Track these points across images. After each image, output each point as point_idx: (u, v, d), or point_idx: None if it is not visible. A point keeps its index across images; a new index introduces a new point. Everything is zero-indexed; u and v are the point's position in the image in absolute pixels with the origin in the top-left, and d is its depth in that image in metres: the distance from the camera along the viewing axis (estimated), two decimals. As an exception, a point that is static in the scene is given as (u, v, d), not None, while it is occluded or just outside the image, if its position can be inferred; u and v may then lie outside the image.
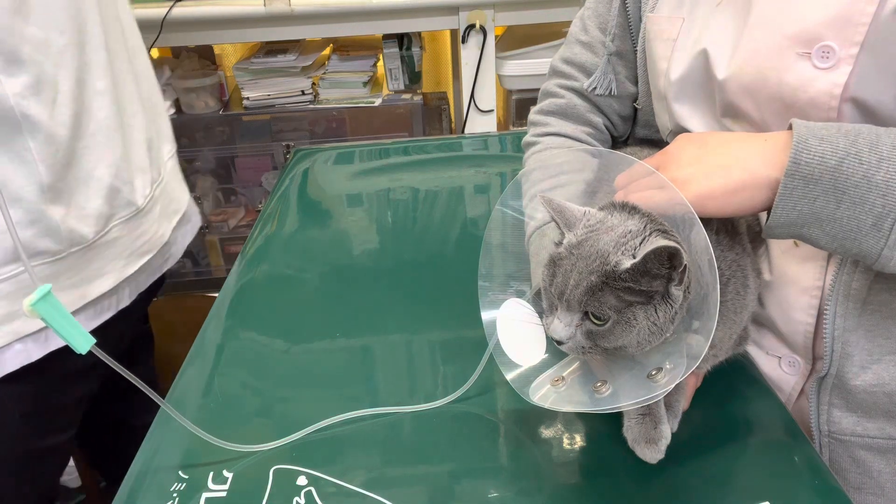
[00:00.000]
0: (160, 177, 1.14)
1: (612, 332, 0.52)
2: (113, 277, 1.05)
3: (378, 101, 2.02)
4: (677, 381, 0.52)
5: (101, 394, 1.13)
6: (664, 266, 0.50)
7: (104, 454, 1.29)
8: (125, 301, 1.12)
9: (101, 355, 0.60)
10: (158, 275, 1.18)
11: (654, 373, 0.54)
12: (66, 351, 0.99)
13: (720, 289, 0.52)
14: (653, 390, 0.53)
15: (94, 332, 1.07)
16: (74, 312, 0.99)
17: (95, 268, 1.02)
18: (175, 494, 0.63)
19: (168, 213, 1.17)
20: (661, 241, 0.50)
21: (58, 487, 1.18)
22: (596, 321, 0.53)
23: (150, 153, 1.13)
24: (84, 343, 0.58)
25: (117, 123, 1.05)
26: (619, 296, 0.52)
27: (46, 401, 1.02)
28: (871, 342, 0.64)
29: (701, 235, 0.52)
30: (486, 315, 0.67)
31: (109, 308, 1.08)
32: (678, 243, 0.50)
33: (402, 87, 2.05)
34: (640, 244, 0.52)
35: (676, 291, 0.52)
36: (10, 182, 0.87)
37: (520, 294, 0.66)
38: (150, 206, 1.12)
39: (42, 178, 0.90)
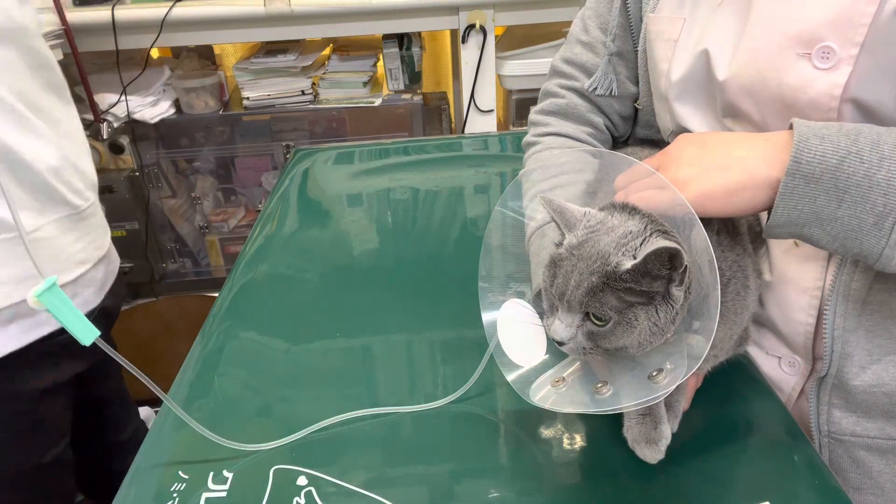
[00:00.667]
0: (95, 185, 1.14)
1: (614, 333, 0.52)
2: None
3: (378, 101, 2.02)
4: (678, 383, 0.52)
5: (77, 409, 1.14)
6: (665, 267, 0.50)
7: (83, 469, 1.29)
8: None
9: (106, 348, 0.60)
10: (104, 292, 1.16)
11: (654, 374, 0.54)
12: (37, 368, 0.98)
13: (720, 289, 0.52)
14: (654, 391, 0.53)
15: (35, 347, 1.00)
16: (6, 318, 0.98)
17: (27, 266, 0.98)
18: (175, 494, 0.63)
19: (101, 224, 1.17)
20: (662, 242, 0.49)
21: (74, 495, 1.18)
22: (597, 322, 0.53)
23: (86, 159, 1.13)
24: (88, 335, 0.58)
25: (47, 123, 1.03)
26: (620, 296, 0.52)
27: (34, 416, 1.02)
28: (870, 342, 0.64)
29: (701, 236, 0.52)
30: (486, 316, 0.67)
31: (48, 321, 1.03)
32: (678, 244, 0.50)
33: (402, 87, 2.05)
34: (641, 245, 0.52)
35: (677, 292, 0.52)
36: None
37: (520, 295, 0.66)
38: (89, 213, 1.11)
39: None
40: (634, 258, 0.51)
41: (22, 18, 1.01)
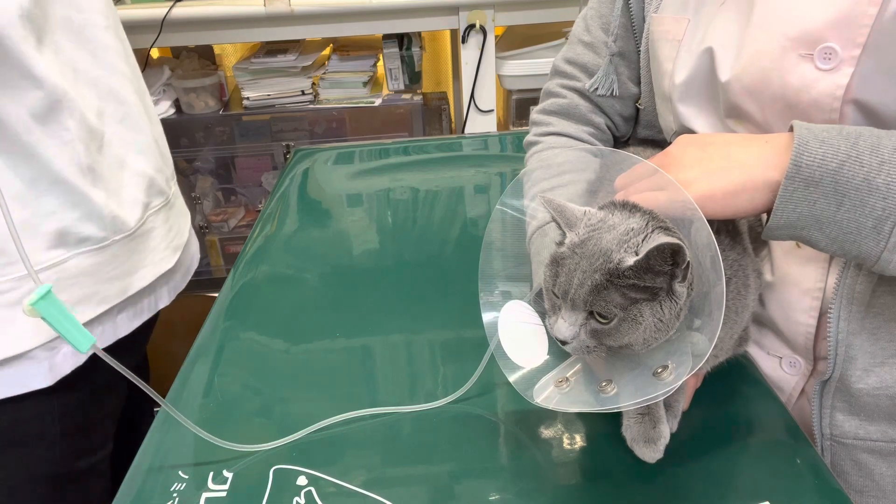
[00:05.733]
0: (174, 172, 1.15)
1: (619, 330, 0.52)
2: (152, 271, 1.04)
3: (378, 101, 2.02)
4: (685, 378, 0.52)
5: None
6: (667, 263, 0.50)
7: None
8: (164, 300, 1.11)
9: (102, 354, 0.60)
10: (189, 276, 1.17)
11: (659, 370, 0.54)
12: (94, 365, 0.94)
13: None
14: (659, 388, 0.52)
15: (130, 336, 1.01)
16: (117, 309, 0.98)
17: (136, 260, 1.01)
18: (175, 494, 0.63)
19: (183, 210, 1.18)
20: (664, 238, 0.50)
21: None
22: (601, 320, 0.53)
23: (166, 146, 1.13)
24: (85, 342, 0.57)
25: (142, 109, 1.03)
26: (624, 293, 0.52)
27: (83, 416, 1.00)
28: (874, 345, 0.64)
29: (703, 232, 0.52)
30: (486, 316, 0.66)
31: (149, 308, 1.07)
32: (680, 240, 0.50)
33: (402, 87, 2.05)
34: (643, 241, 0.52)
35: (680, 288, 0.52)
36: (53, 163, 0.86)
37: (521, 295, 0.66)
38: (174, 198, 1.12)
39: (81, 159, 0.88)
40: (637, 255, 0.51)
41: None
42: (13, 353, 0.86)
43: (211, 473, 0.65)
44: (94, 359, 0.96)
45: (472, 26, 1.83)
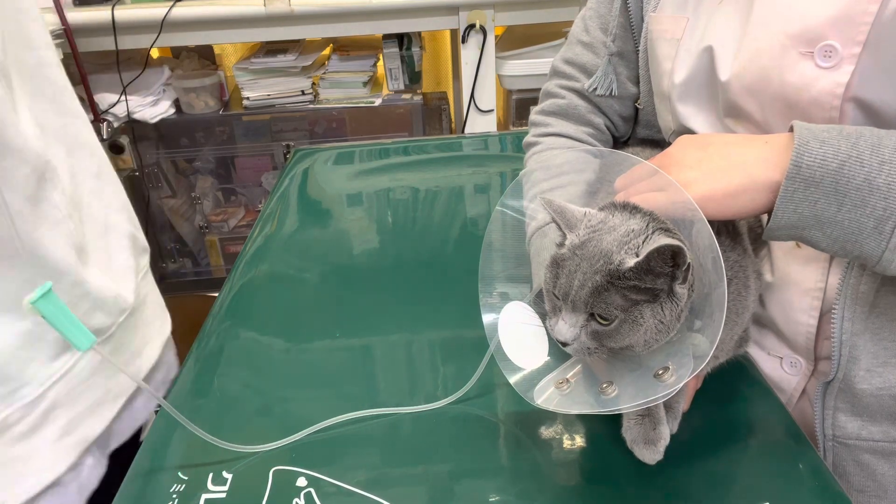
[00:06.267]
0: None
1: (619, 332, 0.52)
2: (157, 344, 0.92)
3: (378, 101, 2.02)
4: (686, 380, 0.52)
5: None
6: (668, 264, 0.50)
7: None
8: (174, 369, 0.97)
9: (103, 355, 0.60)
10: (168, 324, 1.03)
11: (661, 372, 0.54)
12: (111, 470, 0.83)
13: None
14: (660, 389, 0.52)
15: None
16: (131, 398, 0.87)
17: (140, 337, 0.88)
18: (175, 495, 0.63)
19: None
20: (664, 240, 0.49)
21: None
22: (602, 321, 0.53)
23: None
24: (85, 341, 0.57)
25: (108, 161, 0.89)
26: (624, 295, 0.52)
27: None
28: (877, 345, 0.64)
29: (704, 233, 0.51)
30: (486, 317, 0.66)
31: (164, 382, 0.94)
32: (681, 241, 0.50)
33: (402, 87, 2.05)
34: (643, 243, 0.52)
35: (681, 290, 0.52)
36: (49, 252, 0.70)
37: (521, 296, 0.66)
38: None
39: (74, 238, 0.74)
40: (637, 256, 0.51)
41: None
42: (42, 486, 0.74)
43: (210, 474, 0.65)
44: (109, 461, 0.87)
45: (472, 26, 1.83)
